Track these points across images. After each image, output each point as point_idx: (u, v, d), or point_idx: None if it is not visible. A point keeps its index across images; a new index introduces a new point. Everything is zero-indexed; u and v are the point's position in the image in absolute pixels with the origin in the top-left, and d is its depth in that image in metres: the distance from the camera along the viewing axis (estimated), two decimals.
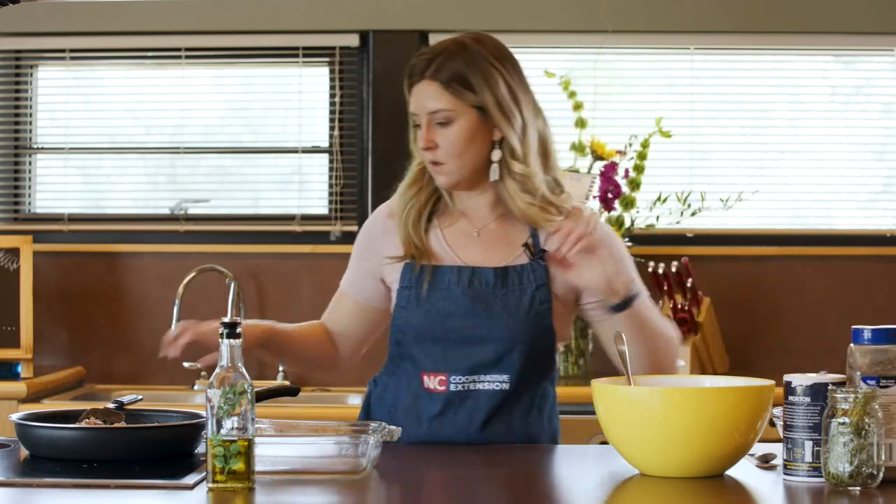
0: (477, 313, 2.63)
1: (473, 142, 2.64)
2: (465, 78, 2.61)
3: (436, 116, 2.63)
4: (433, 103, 2.63)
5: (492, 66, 2.63)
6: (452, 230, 2.71)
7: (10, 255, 4.41)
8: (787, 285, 4.68)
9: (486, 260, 2.67)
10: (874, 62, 4.80)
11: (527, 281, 2.64)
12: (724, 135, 4.79)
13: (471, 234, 2.70)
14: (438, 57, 2.63)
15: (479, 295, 2.63)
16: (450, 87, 2.61)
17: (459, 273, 2.65)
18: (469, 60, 2.62)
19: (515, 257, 2.67)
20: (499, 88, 2.63)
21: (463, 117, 2.63)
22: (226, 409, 2.13)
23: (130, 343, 4.68)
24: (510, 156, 2.65)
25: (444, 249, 2.69)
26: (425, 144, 2.64)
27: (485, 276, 2.65)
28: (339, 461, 2.27)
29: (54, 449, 2.36)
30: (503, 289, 2.64)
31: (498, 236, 2.69)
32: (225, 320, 2.18)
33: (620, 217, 4.45)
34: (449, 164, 2.64)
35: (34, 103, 4.85)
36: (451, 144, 2.63)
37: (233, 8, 4.72)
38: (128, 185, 4.88)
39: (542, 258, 2.65)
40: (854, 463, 2.14)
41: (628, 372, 2.41)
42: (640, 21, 4.67)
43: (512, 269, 2.65)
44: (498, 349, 2.63)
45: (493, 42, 2.68)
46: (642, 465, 2.30)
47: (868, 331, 2.22)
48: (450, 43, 2.67)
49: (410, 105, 2.67)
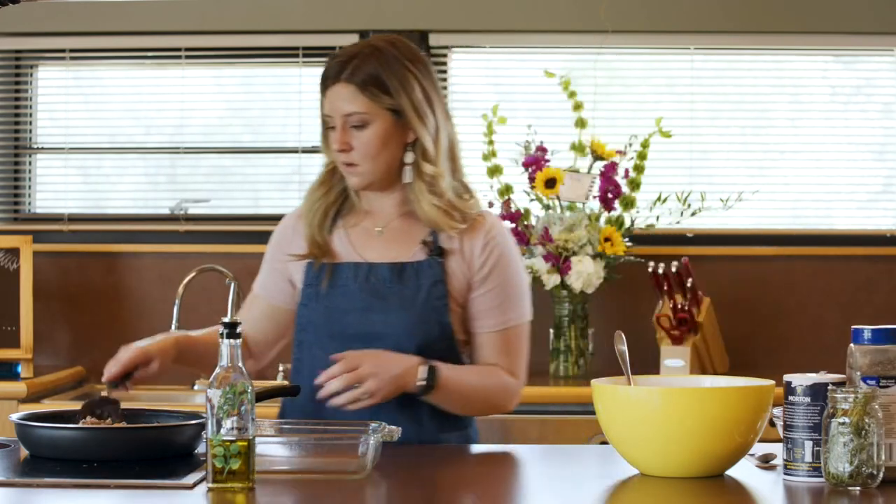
0: (373, 309, 2.66)
1: (388, 144, 2.66)
2: (381, 81, 2.64)
3: (351, 119, 2.65)
4: (349, 106, 2.64)
5: (407, 70, 2.66)
6: (357, 229, 2.75)
7: (10, 255, 4.41)
8: (787, 285, 4.68)
9: (385, 256, 2.70)
10: (874, 62, 4.80)
11: (423, 277, 2.67)
12: (724, 135, 4.79)
13: (373, 232, 2.74)
14: (353, 60, 2.64)
15: (376, 290, 2.67)
16: (366, 90, 2.63)
17: (357, 269, 2.69)
18: (384, 63, 2.64)
19: (413, 254, 2.69)
20: (414, 91, 2.66)
21: (378, 120, 2.65)
22: (226, 409, 2.13)
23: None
24: (422, 157, 2.68)
25: (345, 247, 2.72)
26: (340, 147, 2.65)
27: (381, 271, 2.68)
28: (339, 461, 2.27)
29: (54, 449, 2.36)
30: (399, 284, 2.67)
31: (400, 234, 2.73)
32: (225, 320, 2.19)
33: (620, 217, 4.44)
34: (363, 165, 2.67)
35: (34, 103, 4.85)
36: (365, 147, 2.65)
37: (233, 8, 4.72)
38: (128, 185, 4.88)
39: (440, 255, 2.67)
40: (854, 463, 2.14)
41: (628, 372, 2.41)
42: (640, 21, 4.67)
43: (409, 266, 2.68)
44: (394, 344, 2.64)
45: (406, 44, 2.71)
46: (642, 465, 2.30)
47: (868, 331, 2.22)
48: (363, 45, 2.68)
49: (324, 107, 2.67)
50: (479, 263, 2.68)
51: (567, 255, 4.34)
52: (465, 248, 2.69)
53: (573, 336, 4.43)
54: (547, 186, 4.40)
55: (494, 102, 4.55)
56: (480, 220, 2.72)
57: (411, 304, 2.65)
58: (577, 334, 4.43)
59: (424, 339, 2.65)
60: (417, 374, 2.59)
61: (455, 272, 2.68)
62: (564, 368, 4.42)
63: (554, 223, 4.38)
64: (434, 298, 2.65)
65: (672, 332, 4.33)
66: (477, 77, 4.83)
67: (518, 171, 4.49)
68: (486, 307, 2.70)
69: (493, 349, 2.71)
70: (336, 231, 2.74)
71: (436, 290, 2.66)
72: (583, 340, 4.45)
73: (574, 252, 4.35)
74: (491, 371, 2.70)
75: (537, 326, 4.59)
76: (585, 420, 3.99)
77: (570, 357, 4.43)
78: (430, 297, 2.65)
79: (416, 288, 2.66)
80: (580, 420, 4.02)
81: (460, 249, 2.68)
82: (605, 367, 4.47)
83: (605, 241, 4.37)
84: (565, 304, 4.43)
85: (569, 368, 4.42)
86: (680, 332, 4.33)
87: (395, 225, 2.73)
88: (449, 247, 2.68)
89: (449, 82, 4.78)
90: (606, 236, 4.37)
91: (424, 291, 2.66)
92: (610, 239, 4.37)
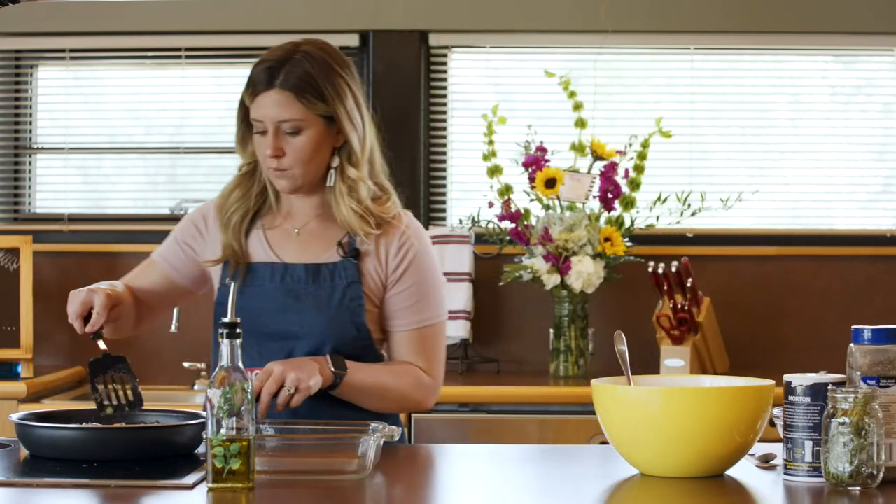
0: (289, 309, 2.67)
1: (319, 149, 2.67)
2: (317, 88, 2.64)
3: (285, 125, 2.64)
4: (284, 113, 2.63)
5: (339, 76, 2.67)
6: (275, 231, 2.76)
7: (10, 255, 4.41)
8: (787, 285, 4.68)
9: (302, 257, 2.72)
10: (874, 62, 4.80)
11: (338, 278, 2.68)
12: (724, 135, 4.79)
13: (291, 233, 2.74)
14: (286, 66, 2.63)
15: (291, 291, 2.68)
16: (302, 97, 2.62)
17: (273, 269, 2.70)
18: (319, 70, 2.64)
19: (329, 255, 2.71)
20: (347, 98, 2.67)
21: (312, 126, 2.65)
22: (226, 409, 2.13)
23: (130, 343, 4.67)
24: (347, 161, 2.70)
25: (263, 248, 2.73)
26: (274, 153, 2.65)
27: (297, 272, 2.69)
28: (339, 461, 2.27)
29: (54, 449, 2.36)
30: (314, 285, 2.68)
31: (316, 236, 2.74)
32: (225, 320, 2.19)
33: (620, 217, 4.45)
34: (294, 170, 2.67)
35: (34, 103, 4.86)
36: (299, 152, 2.65)
37: (233, 8, 4.72)
38: (128, 185, 4.88)
39: (355, 257, 2.69)
40: (854, 463, 2.14)
41: (628, 372, 2.41)
42: (640, 21, 4.67)
43: (324, 266, 2.69)
44: (310, 345, 2.66)
45: (335, 50, 2.71)
46: (642, 465, 2.30)
47: (868, 331, 2.22)
48: (292, 50, 2.66)
49: (254, 112, 2.65)
50: (395, 264, 2.71)
51: (567, 255, 4.35)
52: (381, 250, 2.71)
53: (573, 336, 4.43)
54: (547, 186, 4.40)
55: (494, 102, 4.55)
56: (396, 222, 2.74)
57: (326, 305, 2.67)
58: (577, 334, 4.43)
59: (340, 339, 2.67)
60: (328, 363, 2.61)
61: (370, 273, 2.70)
62: (564, 368, 4.43)
63: (554, 223, 4.38)
64: (349, 299, 2.67)
65: (672, 332, 4.33)
66: (477, 77, 4.83)
67: (518, 171, 4.49)
68: (400, 306, 2.72)
69: (409, 348, 2.73)
70: (254, 231, 2.75)
71: (351, 290, 2.68)
72: (583, 340, 4.45)
73: (574, 252, 4.35)
74: (405, 368, 2.72)
75: (537, 326, 4.63)
76: (585, 420, 3.99)
77: (570, 357, 4.43)
78: (344, 297, 2.67)
79: (332, 289, 2.68)
80: (580, 420, 4.02)
81: (375, 251, 2.71)
82: (605, 367, 4.48)
83: (605, 241, 4.37)
84: (565, 304, 4.43)
85: (569, 368, 4.42)
86: (680, 332, 4.33)
87: (312, 226, 2.75)
88: (364, 248, 2.70)
89: (449, 82, 4.78)
90: (606, 236, 4.37)
91: (339, 292, 2.67)
92: (610, 239, 4.37)
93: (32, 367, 4.37)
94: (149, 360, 4.63)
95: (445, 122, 4.79)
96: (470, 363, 4.59)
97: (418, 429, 4.05)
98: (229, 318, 2.19)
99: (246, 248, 2.73)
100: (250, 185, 2.76)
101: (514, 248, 4.49)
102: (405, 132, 4.72)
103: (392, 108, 4.69)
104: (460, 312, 4.53)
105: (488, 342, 4.68)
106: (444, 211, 4.79)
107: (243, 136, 2.73)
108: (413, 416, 4.05)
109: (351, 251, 2.70)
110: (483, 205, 4.50)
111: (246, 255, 2.73)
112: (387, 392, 2.69)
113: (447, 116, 4.79)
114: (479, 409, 4.12)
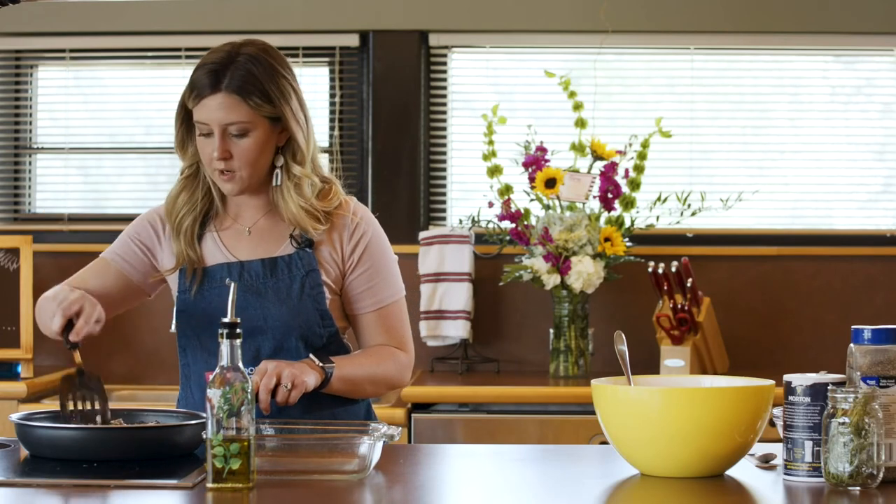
0: (250, 305, 2.67)
1: (265, 150, 2.68)
2: (263, 91, 2.64)
3: (231, 128, 2.64)
4: (230, 115, 2.63)
5: (283, 77, 2.67)
6: (226, 232, 2.76)
7: (10, 255, 4.41)
8: (787, 285, 4.68)
9: (256, 254, 2.73)
10: (874, 62, 4.80)
11: (295, 269, 2.70)
12: (724, 135, 4.79)
13: (243, 232, 2.75)
14: (230, 68, 2.63)
15: (251, 287, 2.69)
16: (249, 100, 2.62)
17: (229, 269, 2.71)
18: (263, 72, 2.64)
19: (283, 248, 2.72)
20: (291, 98, 2.68)
21: (259, 128, 2.65)
22: (226, 409, 2.13)
23: (129, 343, 4.68)
24: (292, 159, 2.70)
25: (219, 249, 2.74)
26: (222, 156, 2.64)
27: (254, 268, 2.70)
28: (339, 461, 2.27)
29: (54, 449, 2.36)
30: (273, 279, 2.69)
31: (267, 232, 2.75)
32: (225, 320, 2.18)
33: (620, 217, 4.45)
34: (241, 172, 2.67)
35: (34, 103, 4.86)
36: (245, 154, 2.65)
37: (233, 8, 4.72)
38: (128, 185, 4.88)
39: (309, 246, 2.70)
40: (854, 463, 2.14)
41: (628, 372, 2.41)
42: (640, 21, 4.67)
43: (280, 259, 2.71)
44: (275, 338, 2.67)
45: (274, 49, 2.71)
46: (642, 465, 2.30)
47: (868, 331, 2.22)
48: (234, 52, 2.65)
49: (199, 115, 2.64)
50: (350, 249, 2.73)
51: (567, 255, 4.35)
52: (334, 237, 2.73)
53: (573, 336, 4.43)
54: (547, 186, 4.40)
55: (494, 102, 4.55)
56: (343, 210, 2.75)
57: (287, 296, 2.68)
58: (577, 334, 4.43)
59: (305, 330, 2.68)
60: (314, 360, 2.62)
61: (327, 260, 2.72)
62: (564, 368, 4.43)
63: (554, 223, 4.38)
64: (309, 287, 2.69)
65: (672, 332, 4.33)
66: (477, 77, 4.83)
67: (518, 171, 4.49)
68: (361, 289, 2.74)
69: (376, 329, 2.76)
70: (207, 234, 2.75)
71: (310, 279, 2.69)
72: (583, 340, 4.45)
73: (574, 252, 4.35)
74: (382, 350, 2.75)
75: (537, 326, 4.63)
76: (585, 420, 3.99)
77: (570, 357, 4.43)
78: (304, 286, 2.69)
79: (290, 280, 2.69)
80: (580, 420, 4.02)
81: (329, 239, 2.73)
82: (605, 367, 4.48)
83: (605, 241, 4.37)
84: (565, 304, 4.43)
85: (569, 368, 4.42)
86: (680, 332, 4.33)
87: (261, 224, 2.76)
88: (318, 238, 2.72)
89: (449, 82, 4.78)
90: (606, 236, 4.37)
91: (298, 282, 2.69)
92: (610, 239, 4.37)
93: (32, 367, 4.37)
94: (148, 360, 4.63)
95: (445, 122, 4.79)
96: (470, 363, 4.59)
97: (418, 429, 4.05)
98: (229, 318, 2.19)
99: (201, 253, 2.73)
100: (194, 187, 2.76)
101: (514, 248, 4.49)
102: (405, 132, 4.72)
103: (392, 108, 4.69)
104: (460, 312, 4.53)
105: (488, 342, 4.68)
106: (444, 211, 4.79)
107: (183, 138, 2.73)
108: (413, 416, 4.05)
109: (304, 241, 2.71)
110: (483, 205, 4.50)
111: (202, 259, 2.73)
112: (374, 377, 2.71)
113: (447, 116, 4.79)
114: (478, 409, 4.12)
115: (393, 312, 2.77)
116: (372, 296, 2.75)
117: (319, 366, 2.61)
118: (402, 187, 4.70)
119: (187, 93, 2.66)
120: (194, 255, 2.72)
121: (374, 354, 2.74)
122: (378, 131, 4.71)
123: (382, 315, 2.76)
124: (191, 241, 2.73)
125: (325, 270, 2.71)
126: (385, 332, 2.76)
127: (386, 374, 2.74)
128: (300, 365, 2.57)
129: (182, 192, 2.76)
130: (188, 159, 2.74)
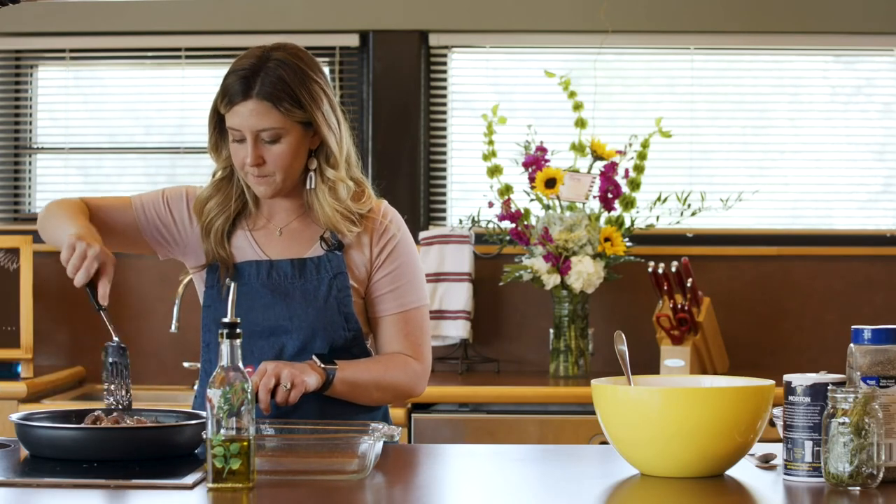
0: (277, 304, 2.68)
1: (298, 154, 2.68)
2: (294, 96, 2.63)
3: (263, 134, 2.64)
4: (262, 122, 2.63)
5: (314, 81, 2.67)
6: (259, 232, 2.77)
7: (10, 255, 4.41)
8: (787, 285, 4.68)
9: (287, 254, 2.73)
10: (874, 62, 4.80)
11: (324, 271, 2.70)
12: (724, 135, 4.79)
13: (274, 233, 2.76)
14: (260, 74, 2.63)
15: (279, 287, 2.70)
16: (280, 106, 2.62)
17: (258, 267, 2.71)
18: (293, 77, 2.64)
19: (313, 250, 2.73)
20: (323, 102, 2.67)
21: (291, 133, 2.65)
22: (226, 409, 2.13)
23: (130, 343, 4.64)
24: (326, 163, 2.71)
25: (251, 247, 2.75)
26: (255, 161, 2.65)
27: (283, 267, 2.71)
28: (339, 461, 2.27)
29: (54, 449, 2.36)
30: (301, 279, 2.70)
31: (298, 233, 2.75)
32: (225, 320, 2.18)
33: (620, 217, 4.45)
34: (275, 177, 2.68)
35: (34, 103, 4.86)
36: (279, 160, 2.66)
37: (233, 8, 4.72)
38: (128, 185, 4.88)
39: (339, 249, 2.71)
40: (854, 463, 2.14)
41: (628, 372, 2.41)
42: (640, 21, 4.67)
43: (309, 261, 2.71)
44: (301, 339, 2.68)
45: (306, 54, 2.71)
46: (642, 465, 2.30)
47: (868, 331, 2.22)
48: (264, 58, 2.65)
49: (231, 121, 2.65)
50: (377, 251, 2.74)
51: (567, 255, 4.35)
52: (363, 240, 2.74)
53: (573, 336, 4.43)
54: (547, 186, 4.40)
55: (494, 102, 4.55)
56: (374, 213, 2.76)
57: (314, 298, 2.69)
58: (577, 334, 4.43)
59: (329, 332, 2.68)
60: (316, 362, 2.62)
61: (356, 263, 2.72)
62: (564, 368, 4.43)
63: (554, 223, 4.38)
64: (336, 290, 2.69)
65: (672, 332, 4.33)
66: (477, 77, 4.83)
67: (518, 171, 4.49)
68: (384, 291, 2.74)
69: (395, 333, 2.75)
70: (239, 232, 2.76)
71: (338, 281, 2.70)
72: (583, 340, 4.45)
73: (574, 252, 4.35)
74: (393, 358, 2.74)
75: (537, 326, 4.63)
76: (585, 420, 3.99)
77: (570, 357, 4.43)
78: (331, 289, 2.69)
79: (318, 281, 2.70)
80: (580, 420, 4.03)
81: (358, 242, 2.73)
82: (605, 367, 4.48)
83: (605, 241, 4.37)
84: (565, 304, 4.43)
85: (569, 368, 4.42)
86: (680, 332, 4.33)
87: (293, 226, 2.77)
88: (347, 241, 2.72)
89: (449, 82, 4.78)
90: (606, 236, 4.37)
91: (326, 284, 2.69)
92: (610, 239, 4.37)
93: (32, 367, 4.37)
94: (149, 360, 4.63)
95: (445, 122, 4.79)
96: (470, 363, 4.59)
97: (418, 429, 4.05)
98: (229, 318, 2.19)
99: (231, 251, 2.74)
100: (228, 189, 2.76)
101: (514, 248, 4.49)
102: (405, 132, 4.72)
103: (392, 108, 4.69)
104: (460, 312, 4.53)
105: (488, 342, 4.68)
106: (444, 211, 4.79)
107: (216, 142, 2.74)
108: (413, 416, 4.05)
109: (335, 244, 2.71)
110: (483, 205, 4.50)
111: (231, 257, 2.74)
112: (380, 383, 2.70)
113: (447, 116, 4.79)
114: (478, 409, 4.12)
115: (414, 318, 2.76)
116: (395, 298, 2.74)
117: (321, 367, 2.61)
118: (402, 187, 4.70)
119: (219, 99, 2.66)
120: (224, 254, 2.73)
121: (383, 361, 2.73)
122: (378, 131, 4.71)
123: (403, 319, 2.74)
124: (220, 240, 2.74)
125: (353, 274, 2.72)
126: (404, 337, 2.75)
127: (394, 381, 2.72)
128: (301, 365, 2.58)
129: (215, 196, 2.76)
130: (221, 162, 2.75)
